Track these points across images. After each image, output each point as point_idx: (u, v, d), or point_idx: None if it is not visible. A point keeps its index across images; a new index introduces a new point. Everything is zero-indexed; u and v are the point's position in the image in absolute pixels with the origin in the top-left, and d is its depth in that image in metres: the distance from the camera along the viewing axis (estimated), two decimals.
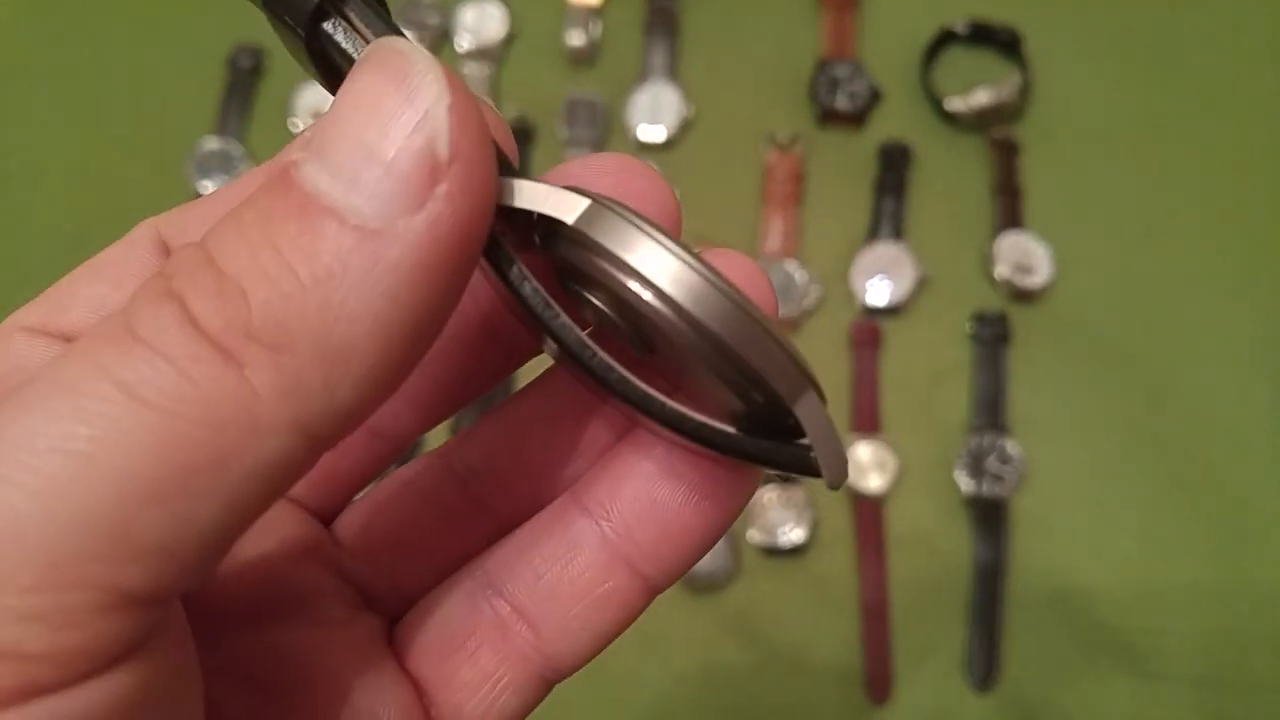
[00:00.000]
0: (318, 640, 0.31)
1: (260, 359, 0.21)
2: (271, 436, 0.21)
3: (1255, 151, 0.99)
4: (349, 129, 0.22)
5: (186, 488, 0.21)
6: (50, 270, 0.99)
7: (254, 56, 1.00)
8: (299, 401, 0.21)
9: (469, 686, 0.30)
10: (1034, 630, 0.85)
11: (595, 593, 0.30)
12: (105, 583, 0.20)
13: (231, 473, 0.21)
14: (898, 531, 0.87)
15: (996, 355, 0.92)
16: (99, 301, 0.29)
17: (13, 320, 0.29)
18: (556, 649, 0.31)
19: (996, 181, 0.97)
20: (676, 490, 0.30)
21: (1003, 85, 0.98)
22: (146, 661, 0.22)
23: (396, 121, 0.22)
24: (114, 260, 0.30)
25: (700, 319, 0.23)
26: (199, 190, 0.95)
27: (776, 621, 0.86)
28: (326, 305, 0.21)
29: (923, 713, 0.83)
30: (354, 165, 0.22)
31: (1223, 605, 0.85)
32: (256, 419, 0.21)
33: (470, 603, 0.31)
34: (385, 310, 0.21)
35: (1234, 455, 0.89)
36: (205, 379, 0.21)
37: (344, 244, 0.21)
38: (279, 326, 0.21)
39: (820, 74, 0.99)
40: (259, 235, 0.22)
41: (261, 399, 0.21)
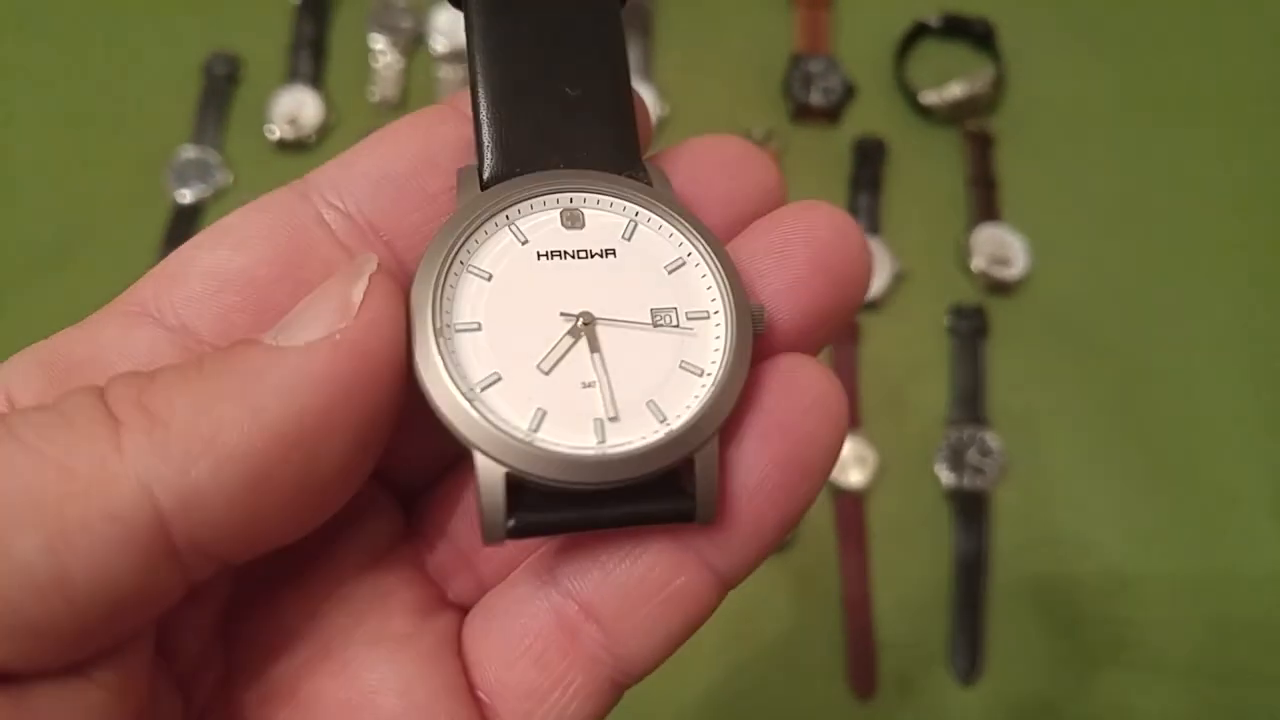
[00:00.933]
0: (383, 656, 0.30)
1: (136, 421, 0.24)
2: (115, 486, 0.23)
3: (1230, 140, 0.99)
4: (300, 304, 0.28)
5: (12, 515, 0.22)
6: (33, 281, 0.99)
7: (229, 64, 1.00)
8: (154, 464, 0.24)
9: (537, 693, 0.30)
10: (1017, 622, 0.85)
11: (667, 590, 0.30)
12: None
13: (64, 510, 0.23)
14: (879, 526, 0.87)
15: (975, 348, 0.92)
16: (218, 267, 0.30)
17: (122, 298, 0.31)
18: (628, 650, 0.30)
19: (972, 174, 0.97)
20: (747, 478, 0.30)
21: (976, 77, 0.98)
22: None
23: (331, 290, 0.27)
24: (239, 224, 0.31)
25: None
26: (177, 199, 0.95)
27: (759, 618, 0.86)
28: (214, 390, 0.25)
29: (907, 706, 0.83)
30: (290, 319, 0.27)
31: (1206, 594, 0.85)
32: (106, 466, 0.23)
33: (535, 602, 0.31)
34: (262, 404, 0.25)
35: (1214, 443, 0.89)
36: (82, 428, 0.24)
37: (250, 353, 0.26)
38: (164, 399, 0.25)
39: (794, 70, 0.99)
40: (192, 356, 0.27)
41: (122, 454, 0.23)
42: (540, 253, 0.32)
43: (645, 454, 0.29)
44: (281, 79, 1.00)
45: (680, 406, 0.30)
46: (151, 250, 0.94)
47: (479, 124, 0.32)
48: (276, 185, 0.97)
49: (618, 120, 0.33)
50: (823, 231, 0.31)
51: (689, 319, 0.31)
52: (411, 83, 1.01)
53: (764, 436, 0.30)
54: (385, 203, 0.32)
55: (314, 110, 0.98)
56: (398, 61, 1.00)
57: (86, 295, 0.90)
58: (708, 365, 0.31)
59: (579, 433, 0.29)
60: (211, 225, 0.32)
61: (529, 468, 0.28)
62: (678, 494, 0.29)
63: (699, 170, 0.34)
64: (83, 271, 0.93)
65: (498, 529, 0.29)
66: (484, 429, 0.28)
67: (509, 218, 0.32)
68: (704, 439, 0.29)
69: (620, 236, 0.32)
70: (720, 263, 0.31)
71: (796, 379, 0.30)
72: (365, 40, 1.01)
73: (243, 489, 0.25)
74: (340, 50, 1.02)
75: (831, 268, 0.31)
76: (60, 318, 0.95)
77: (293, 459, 0.25)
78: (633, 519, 0.29)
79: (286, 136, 0.97)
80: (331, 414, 0.26)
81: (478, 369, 0.30)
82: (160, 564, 0.24)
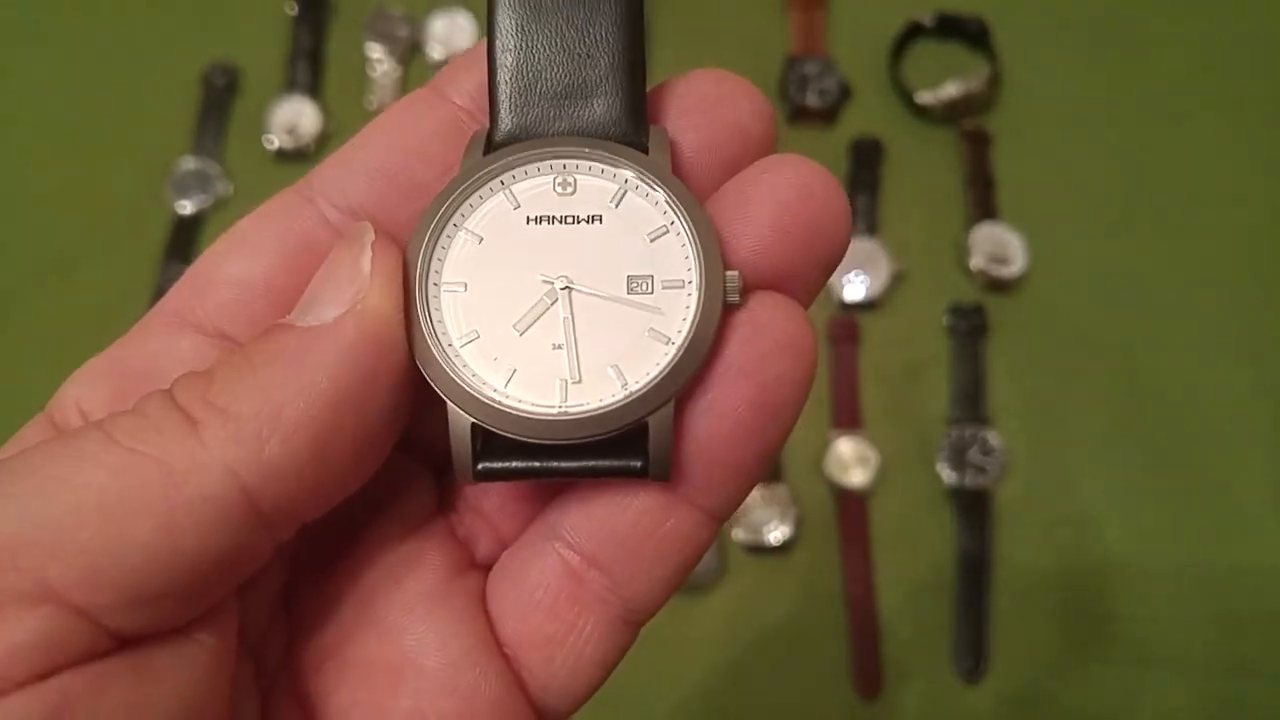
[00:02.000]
0: (419, 617, 0.33)
1: (210, 418, 0.28)
2: (205, 473, 0.27)
3: (1228, 135, 0.99)
4: (315, 280, 0.31)
5: (128, 505, 0.26)
6: (38, 292, 0.99)
7: (228, 74, 1.01)
8: (233, 450, 0.27)
9: (553, 641, 0.32)
10: (1021, 620, 0.85)
11: (659, 532, 0.32)
12: (32, 571, 0.25)
13: (169, 499, 0.27)
14: (881, 526, 0.88)
15: (974, 347, 0.92)
16: (241, 275, 0.33)
17: (157, 310, 0.34)
18: (632, 591, 0.32)
19: (969, 173, 0.97)
20: (720, 423, 0.31)
21: (972, 77, 0.98)
22: (81, 684, 0.26)
23: (341, 264, 0.30)
24: (252, 231, 0.34)
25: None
26: (178, 210, 0.96)
27: (764, 619, 0.86)
28: (266, 378, 0.28)
29: (912, 706, 0.83)
30: (310, 298, 0.30)
31: (1210, 589, 0.85)
32: (195, 458, 0.27)
33: (543, 558, 0.33)
34: (314, 380, 0.28)
35: (1216, 438, 0.89)
36: (167, 428, 0.28)
37: (288, 338, 0.29)
38: (228, 395, 0.28)
39: (790, 72, 0.99)
40: (236, 349, 0.30)
41: (205, 445, 0.27)
42: (530, 217, 0.33)
43: (601, 416, 0.31)
44: (279, 89, 1.00)
45: (641, 372, 0.31)
46: (153, 261, 0.94)
47: (493, 89, 0.34)
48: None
49: (627, 86, 0.34)
50: (786, 192, 0.32)
51: (664, 287, 0.33)
52: (408, 90, 1.01)
53: (731, 381, 0.31)
54: (381, 196, 0.34)
55: (312, 120, 0.98)
56: (395, 70, 1.01)
57: (90, 306, 0.92)
58: (674, 334, 0.32)
59: (543, 392, 0.32)
60: (226, 233, 0.34)
61: (491, 421, 0.31)
62: (635, 451, 0.31)
63: (680, 113, 0.34)
64: (86, 283, 0.94)
65: (466, 472, 0.32)
66: (454, 383, 0.31)
67: (504, 182, 0.33)
68: (660, 403, 0.31)
69: (609, 203, 0.33)
70: (699, 232, 0.32)
71: (764, 320, 0.31)
72: (362, 49, 1.02)
73: (310, 455, 0.28)
74: (337, 60, 1.03)
75: (794, 230, 0.32)
76: (65, 328, 0.96)
77: (346, 420, 0.29)
78: (590, 472, 0.32)
79: (285, 146, 0.97)
80: (369, 373, 0.29)
81: (458, 326, 0.32)
82: (252, 529, 0.28)
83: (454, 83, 0.35)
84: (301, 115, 0.98)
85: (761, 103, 0.34)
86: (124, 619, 0.26)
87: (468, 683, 0.32)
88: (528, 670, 0.33)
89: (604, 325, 0.32)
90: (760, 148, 0.34)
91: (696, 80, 0.34)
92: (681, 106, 0.34)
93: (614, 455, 0.31)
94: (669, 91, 0.35)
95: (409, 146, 0.34)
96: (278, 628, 0.34)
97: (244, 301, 0.33)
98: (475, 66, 0.34)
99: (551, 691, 0.33)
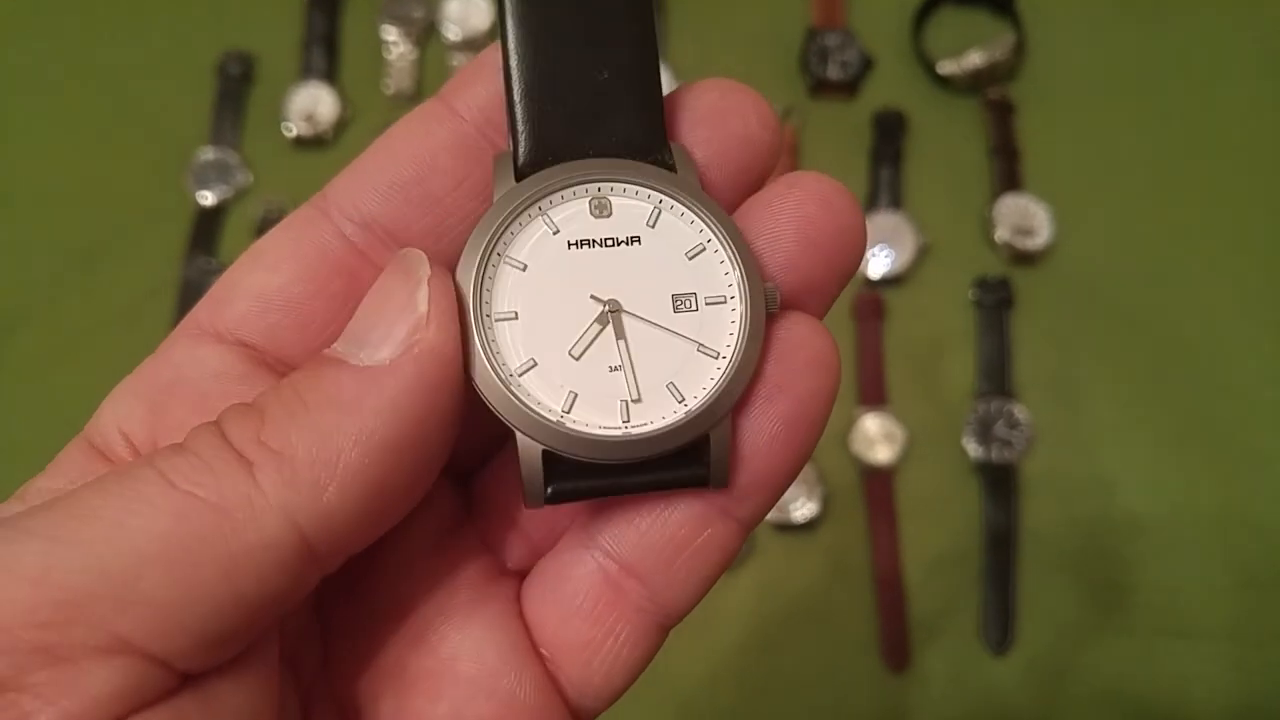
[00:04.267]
0: (455, 626, 0.34)
1: (265, 460, 0.28)
2: (265, 520, 0.27)
3: (1258, 102, 0.98)
4: (365, 311, 0.30)
5: (191, 553, 0.26)
6: (61, 292, 1.00)
7: (243, 63, 1.00)
8: (292, 496, 0.27)
9: (591, 644, 0.33)
10: (1048, 592, 0.86)
11: (696, 542, 0.33)
12: (103, 624, 0.25)
13: (230, 545, 0.27)
14: (908, 501, 0.88)
15: (1000, 320, 0.91)
16: (259, 288, 0.34)
17: (183, 325, 0.35)
18: (667, 598, 0.33)
19: (993, 143, 0.96)
20: (757, 438, 0.32)
21: (996, 45, 0.97)
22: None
23: (394, 297, 0.30)
24: (271, 247, 0.34)
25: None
26: (199, 201, 0.96)
27: (792, 595, 0.87)
28: (322, 421, 0.28)
29: (940, 679, 0.84)
30: (363, 331, 0.30)
31: (1237, 558, 0.86)
32: (253, 504, 0.27)
33: (582, 565, 0.34)
34: (372, 426, 0.28)
35: (1243, 409, 0.89)
36: (222, 470, 0.27)
37: (343, 379, 0.29)
38: (283, 437, 0.28)
39: (810, 44, 0.98)
40: (285, 384, 0.30)
41: (262, 490, 0.27)
42: (571, 242, 0.34)
43: (665, 434, 0.32)
44: (295, 75, 1.00)
45: (697, 388, 0.32)
46: (176, 253, 0.95)
47: (512, 109, 0.34)
48: (296, 183, 0.98)
49: (646, 104, 0.34)
50: (810, 207, 0.33)
51: (707, 304, 0.33)
52: (426, 73, 1.00)
53: (769, 398, 0.32)
54: (395, 210, 0.34)
55: (330, 106, 0.98)
56: (411, 52, 1.00)
57: (115, 301, 0.92)
58: (723, 348, 0.33)
59: (606, 413, 0.32)
60: (248, 250, 0.35)
61: (562, 446, 0.32)
62: (694, 463, 0.32)
63: (690, 126, 0.35)
64: (110, 277, 0.94)
65: (537, 496, 0.32)
66: (522, 412, 0.31)
67: (541, 209, 0.33)
68: (719, 418, 0.32)
69: (645, 224, 0.34)
70: (737, 248, 0.33)
71: (793, 339, 0.33)
72: (377, 32, 1.01)
73: (366, 499, 0.28)
74: (353, 44, 1.02)
75: (820, 244, 0.33)
76: (90, 324, 0.97)
77: (402, 463, 0.29)
78: (655, 485, 0.33)
79: (304, 133, 0.97)
80: (425, 417, 0.29)
81: (516, 356, 0.32)
82: (307, 570, 0.28)
83: (463, 95, 0.34)
84: (319, 102, 0.98)
85: (767, 113, 0.34)
86: (193, 661, 0.27)
87: (505, 688, 0.33)
88: (564, 673, 0.34)
89: (655, 345, 0.33)
90: (767, 156, 0.35)
91: (704, 91, 0.35)
92: (691, 119, 0.35)
93: (677, 468, 0.32)
94: (678, 104, 0.35)
95: (421, 159, 0.34)
96: (312, 635, 0.35)
97: (262, 312, 0.33)
98: (483, 77, 0.34)
99: (587, 693, 0.34)
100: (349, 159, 0.35)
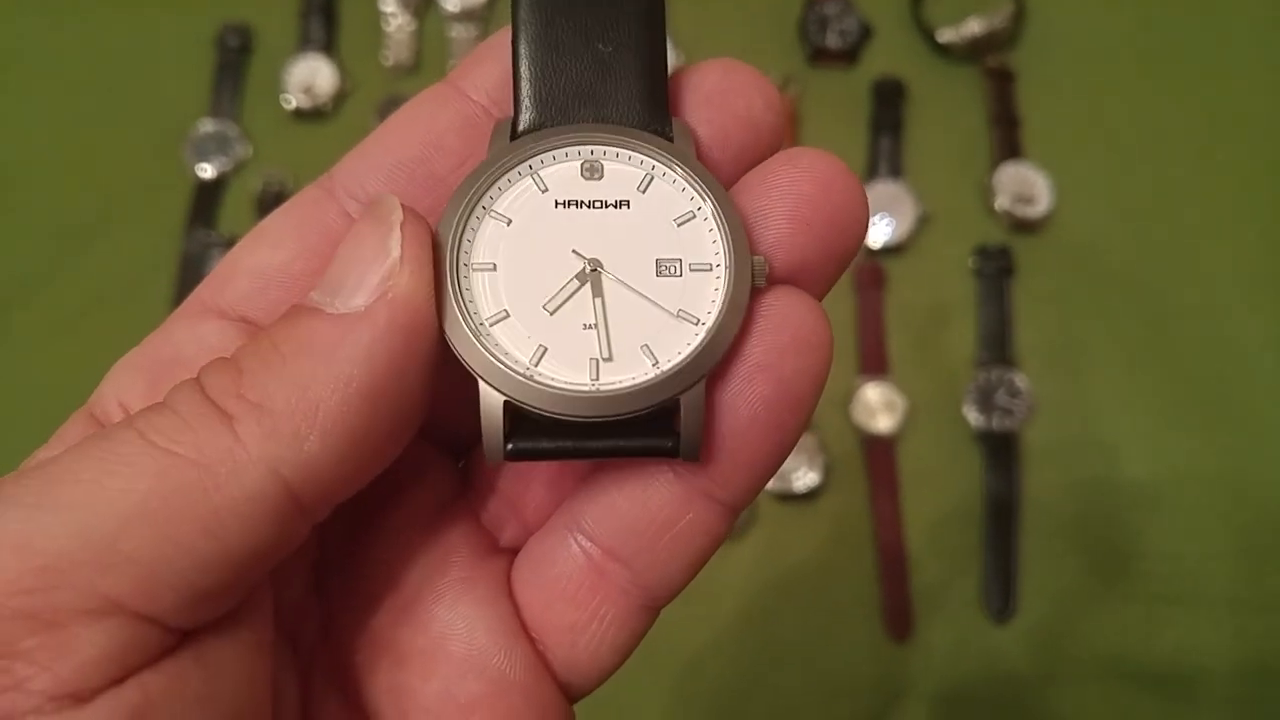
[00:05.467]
0: (447, 605, 0.34)
1: (244, 413, 0.28)
2: (246, 473, 0.27)
3: (1256, 70, 0.97)
4: (340, 258, 0.30)
5: (173, 510, 0.26)
6: (61, 263, 1.00)
7: (241, 35, 1.00)
8: (272, 447, 0.27)
9: (576, 627, 0.34)
10: (1049, 560, 0.86)
11: (677, 526, 0.33)
12: (89, 587, 0.25)
13: (212, 500, 0.27)
14: (910, 470, 0.88)
15: (1001, 288, 0.91)
16: (260, 265, 0.34)
17: (186, 303, 0.35)
18: (651, 580, 0.33)
19: (993, 112, 0.95)
20: (738, 418, 0.31)
21: (995, 13, 0.96)
22: (159, 682, 0.27)
23: (367, 243, 0.30)
24: (274, 226, 0.35)
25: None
26: (198, 174, 0.96)
27: (795, 565, 0.87)
28: (300, 371, 0.28)
29: (943, 647, 0.84)
30: (337, 279, 0.30)
31: (1237, 525, 0.86)
32: (235, 457, 0.27)
33: (565, 549, 0.34)
34: (348, 373, 0.28)
35: (1243, 376, 0.89)
36: (201, 426, 0.27)
37: (317, 327, 0.29)
38: (261, 388, 0.28)
39: (809, 12, 0.98)
40: (262, 335, 0.29)
41: (242, 443, 0.27)
42: (558, 201, 0.34)
43: (634, 393, 0.31)
44: (294, 48, 1.00)
45: (672, 352, 0.32)
46: (176, 226, 0.95)
47: (517, 78, 0.34)
48: (296, 155, 0.98)
49: (649, 77, 0.34)
50: (806, 185, 0.32)
51: (692, 270, 0.33)
52: (425, 44, 1.00)
53: (750, 377, 0.31)
54: (399, 189, 0.34)
55: (328, 77, 0.98)
56: (409, 24, 1.00)
57: (115, 275, 0.92)
58: (704, 315, 0.32)
59: (575, 370, 0.32)
60: (251, 230, 0.35)
61: (525, 398, 0.31)
62: (665, 431, 0.32)
63: (693, 106, 0.35)
64: (110, 251, 0.94)
65: (497, 451, 0.32)
66: (488, 361, 0.31)
67: (532, 167, 0.33)
68: (692, 382, 0.31)
69: (636, 189, 0.34)
70: (727, 217, 0.32)
71: (781, 316, 0.32)
72: (376, 4, 1.00)
73: (348, 446, 0.28)
74: (350, 15, 1.01)
75: (814, 222, 0.32)
76: (92, 298, 0.97)
77: (381, 408, 0.29)
78: (621, 451, 0.32)
79: (303, 105, 0.97)
80: (403, 360, 0.29)
81: (488, 306, 0.32)
82: (294, 519, 0.28)
83: (471, 78, 0.35)
84: (317, 73, 0.98)
85: (771, 93, 0.34)
86: (184, 617, 0.27)
87: (495, 666, 0.33)
88: (552, 653, 0.34)
89: (634, 306, 0.32)
90: (770, 137, 0.34)
91: (708, 71, 0.35)
92: (695, 99, 0.34)
93: (645, 435, 0.32)
94: (682, 83, 0.35)
95: (427, 140, 0.34)
96: (310, 609, 0.35)
97: (263, 289, 0.34)
98: (492, 61, 0.34)
99: (575, 672, 0.34)
100: (348, 131, 0.35)
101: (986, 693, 0.83)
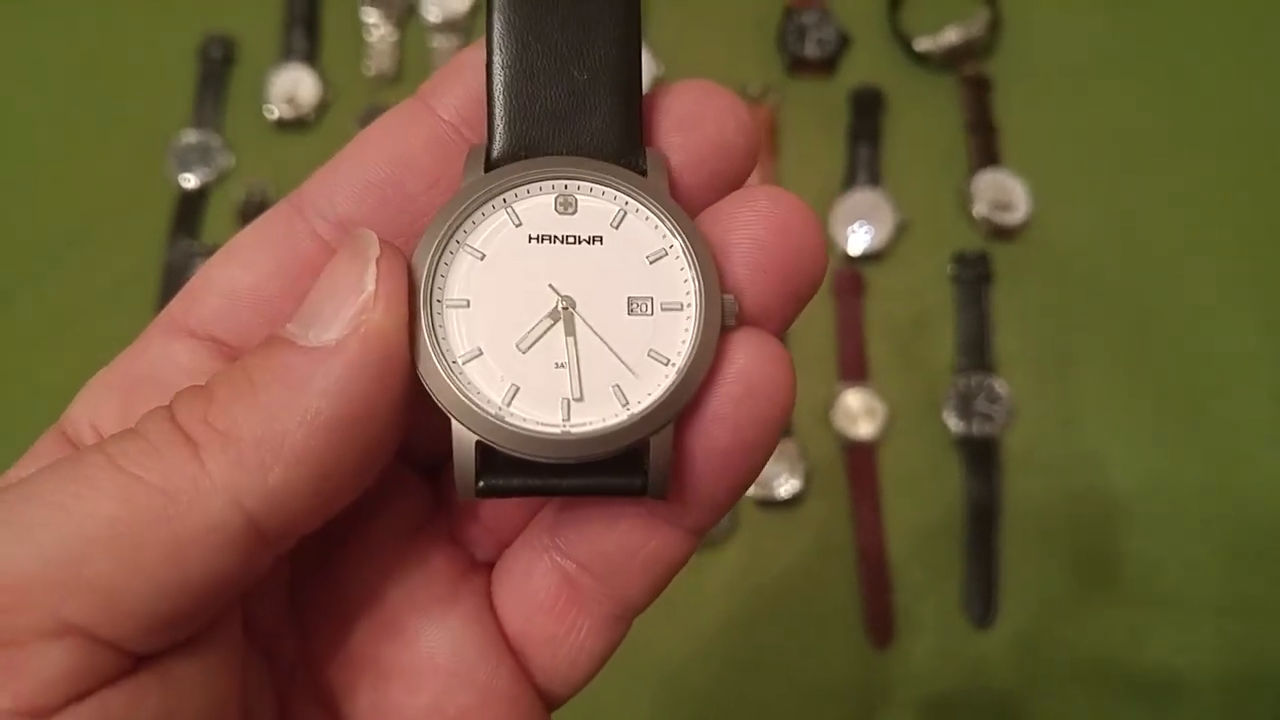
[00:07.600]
0: (432, 621, 0.35)
1: (210, 440, 0.28)
2: (209, 502, 0.27)
3: (1232, 75, 0.98)
4: (316, 291, 0.30)
5: (135, 536, 0.26)
6: (44, 274, 1.00)
7: (224, 46, 1.01)
8: (237, 477, 0.27)
9: (556, 639, 0.34)
10: (1031, 566, 0.86)
11: (643, 552, 0.33)
12: (48, 609, 0.25)
13: (174, 528, 0.27)
14: (890, 476, 0.88)
15: (979, 295, 0.92)
16: (231, 285, 0.34)
17: (157, 320, 0.35)
18: (624, 595, 0.34)
19: (970, 120, 0.96)
20: (695, 462, 0.32)
21: (972, 21, 0.97)
22: (121, 700, 0.27)
23: (343, 277, 0.30)
24: (246, 244, 0.35)
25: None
26: (181, 184, 0.96)
27: (776, 572, 0.87)
28: (269, 402, 0.28)
29: (925, 653, 0.84)
30: (312, 311, 0.30)
31: (1218, 530, 0.86)
32: (198, 485, 0.27)
33: (541, 563, 0.34)
34: (316, 405, 0.28)
35: (1222, 380, 0.89)
36: (169, 453, 0.27)
37: (290, 359, 0.29)
38: (229, 417, 0.28)
39: (788, 22, 0.98)
40: (236, 365, 0.30)
41: (207, 472, 0.27)
42: (532, 236, 0.33)
43: (604, 435, 0.31)
44: (276, 58, 1.00)
45: (643, 393, 0.32)
46: (159, 236, 0.95)
47: (491, 103, 0.34)
48: (279, 165, 0.98)
49: (624, 106, 0.34)
50: (760, 230, 0.32)
51: (663, 309, 0.33)
52: (406, 54, 1.01)
53: (713, 420, 0.32)
54: (370, 209, 0.34)
55: (311, 88, 0.98)
56: (391, 34, 1.00)
57: (98, 285, 0.92)
58: (674, 355, 0.32)
59: (547, 410, 0.32)
60: (224, 246, 0.35)
61: (496, 439, 0.31)
62: (634, 470, 0.32)
63: (667, 130, 0.35)
64: (92, 261, 0.94)
65: (468, 490, 0.32)
66: (461, 401, 0.31)
67: (506, 200, 0.33)
68: (661, 424, 0.31)
69: (609, 224, 0.34)
70: (698, 256, 0.32)
71: (740, 369, 0.32)
72: (358, 14, 1.01)
73: (313, 479, 0.28)
74: (333, 26, 1.02)
75: (770, 267, 0.32)
76: (73, 308, 0.97)
77: (350, 443, 0.29)
78: (590, 490, 0.32)
79: (286, 116, 0.97)
80: (372, 395, 0.29)
81: (462, 343, 0.32)
82: (256, 551, 0.28)
83: (441, 94, 0.35)
84: (300, 84, 0.98)
85: (744, 117, 0.34)
86: (145, 643, 0.27)
87: (482, 679, 0.34)
88: (533, 663, 0.35)
89: (605, 346, 0.32)
90: (744, 161, 0.34)
91: (682, 94, 0.35)
92: (668, 123, 0.34)
93: (614, 474, 0.32)
94: (655, 106, 0.35)
95: (398, 158, 0.34)
96: (285, 627, 0.35)
97: (232, 310, 0.34)
98: (462, 78, 0.34)
99: (555, 681, 0.35)
100: (330, 140, 0.35)
101: (969, 699, 0.83)
